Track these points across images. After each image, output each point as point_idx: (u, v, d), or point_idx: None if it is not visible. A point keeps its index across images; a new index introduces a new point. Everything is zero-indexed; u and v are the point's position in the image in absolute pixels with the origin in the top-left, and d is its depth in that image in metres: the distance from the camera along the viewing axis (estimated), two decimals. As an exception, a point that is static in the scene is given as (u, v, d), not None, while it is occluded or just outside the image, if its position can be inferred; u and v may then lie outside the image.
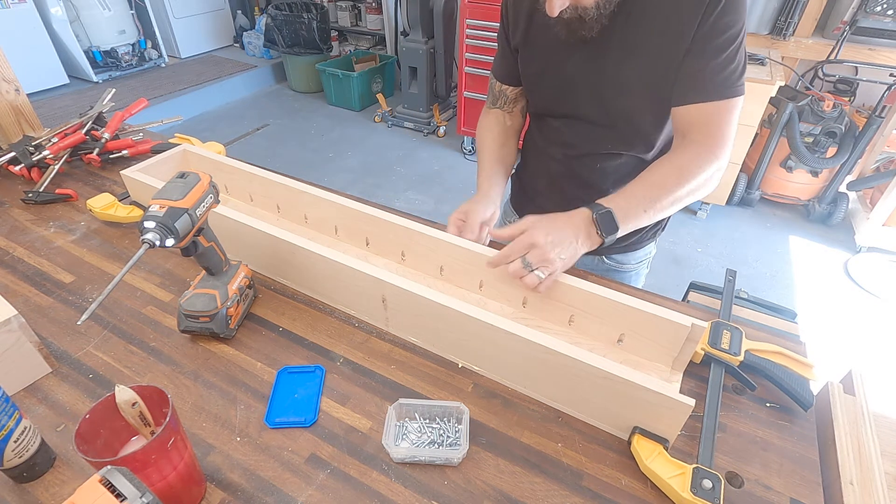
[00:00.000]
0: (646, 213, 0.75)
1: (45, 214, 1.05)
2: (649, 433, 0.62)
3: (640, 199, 0.75)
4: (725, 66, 0.74)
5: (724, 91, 0.74)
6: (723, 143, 0.76)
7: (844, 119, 2.46)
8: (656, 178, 0.77)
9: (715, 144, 0.76)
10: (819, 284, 2.39)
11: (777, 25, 2.68)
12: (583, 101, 0.86)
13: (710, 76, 0.74)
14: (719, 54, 0.73)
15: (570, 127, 0.91)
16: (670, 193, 0.76)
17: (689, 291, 0.90)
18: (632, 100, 0.81)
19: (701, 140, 0.76)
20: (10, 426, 0.54)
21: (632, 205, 0.75)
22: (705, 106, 0.75)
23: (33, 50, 3.61)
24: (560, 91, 0.88)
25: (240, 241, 0.88)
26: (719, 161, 0.77)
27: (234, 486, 0.59)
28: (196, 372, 0.72)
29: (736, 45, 0.74)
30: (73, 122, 1.25)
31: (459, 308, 0.68)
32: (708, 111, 0.75)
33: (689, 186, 0.76)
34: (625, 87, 0.80)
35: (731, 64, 0.74)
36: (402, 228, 0.86)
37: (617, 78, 0.80)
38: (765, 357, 0.72)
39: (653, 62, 0.77)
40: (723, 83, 0.74)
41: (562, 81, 0.86)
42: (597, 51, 0.79)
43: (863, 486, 0.60)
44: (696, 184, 0.76)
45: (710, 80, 0.74)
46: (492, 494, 0.59)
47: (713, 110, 0.75)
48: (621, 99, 0.82)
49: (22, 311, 0.68)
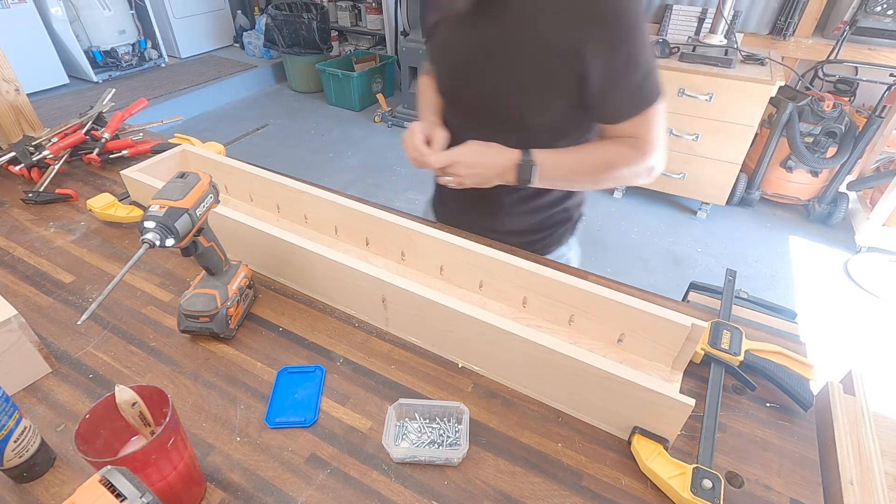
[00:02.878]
0: (564, 179, 0.86)
1: (45, 214, 1.06)
2: (649, 433, 0.62)
3: (566, 168, 0.84)
4: (641, 83, 0.77)
5: (642, 103, 0.79)
6: (652, 148, 0.82)
7: (844, 119, 2.46)
8: (587, 159, 0.84)
9: (645, 150, 0.82)
10: (819, 284, 2.40)
11: (777, 25, 2.68)
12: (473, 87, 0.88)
13: (628, 95, 0.78)
14: (630, 73, 0.76)
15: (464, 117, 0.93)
16: (590, 176, 0.85)
17: (689, 291, 0.90)
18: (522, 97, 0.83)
19: (632, 143, 0.82)
20: (10, 426, 0.54)
21: (556, 171, 0.83)
22: (628, 122, 0.80)
23: (33, 50, 3.61)
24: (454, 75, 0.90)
25: (240, 241, 0.88)
26: (648, 162, 0.83)
27: (234, 486, 0.59)
28: (196, 372, 0.72)
29: (645, 56, 0.76)
30: (73, 122, 1.25)
31: (459, 308, 0.68)
32: (632, 125, 0.80)
33: (611, 178, 0.85)
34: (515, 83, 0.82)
35: (646, 78, 0.77)
36: (402, 228, 0.86)
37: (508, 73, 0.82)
38: (765, 357, 0.72)
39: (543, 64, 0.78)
40: (641, 97, 0.78)
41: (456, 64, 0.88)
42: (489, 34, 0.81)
43: (863, 486, 0.60)
44: (617, 179, 0.85)
45: (629, 99, 0.78)
46: (492, 494, 0.59)
47: (637, 123, 0.80)
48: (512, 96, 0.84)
49: (22, 311, 0.68)
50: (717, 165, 2.61)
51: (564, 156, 0.84)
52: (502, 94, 0.84)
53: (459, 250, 0.82)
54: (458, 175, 0.83)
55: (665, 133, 0.83)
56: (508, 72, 0.81)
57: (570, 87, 0.79)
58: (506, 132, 0.86)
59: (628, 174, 0.84)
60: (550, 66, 0.78)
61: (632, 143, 0.82)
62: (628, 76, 0.76)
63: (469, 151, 0.83)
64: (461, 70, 0.87)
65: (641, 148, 0.82)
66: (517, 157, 0.82)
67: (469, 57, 0.84)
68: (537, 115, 0.84)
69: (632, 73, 0.75)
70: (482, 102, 0.87)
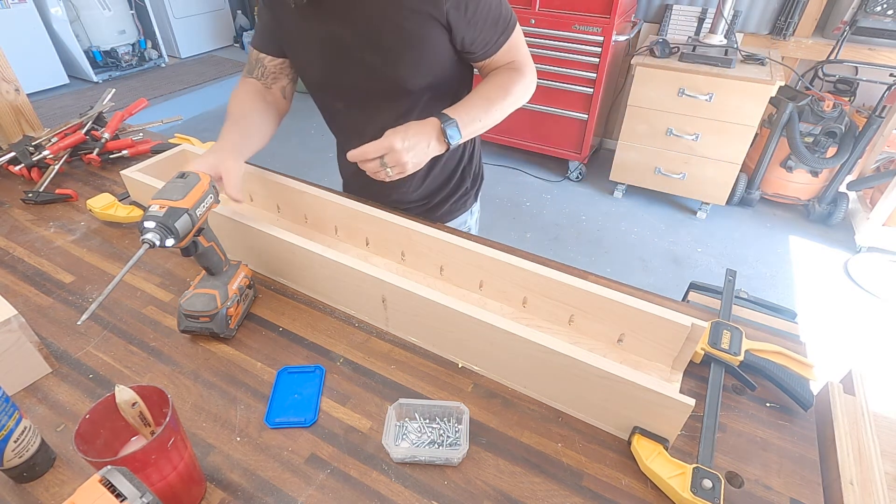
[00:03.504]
0: (480, 122, 0.88)
1: (45, 214, 1.05)
2: (649, 433, 0.62)
3: (476, 110, 0.88)
4: (498, 15, 0.85)
5: (506, 33, 0.88)
6: (525, 64, 0.93)
7: (844, 119, 2.46)
8: (486, 93, 0.89)
9: (523, 68, 0.92)
10: (819, 284, 2.40)
11: (777, 25, 2.68)
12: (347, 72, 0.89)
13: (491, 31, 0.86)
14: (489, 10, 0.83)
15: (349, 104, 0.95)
16: (497, 105, 0.89)
17: (689, 291, 0.90)
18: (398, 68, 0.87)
19: (511, 66, 0.92)
20: (10, 426, 0.54)
21: (470, 116, 0.87)
22: (500, 52, 0.90)
23: (33, 50, 3.62)
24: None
25: (240, 241, 0.88)
26: (527, 76, 0.92)
27: (234, 486, 0.59)
28: (196, 372, 0.72)
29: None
30: (73, 122, 1.25)
31: (459, 308, 0.68)
32: (504, 54, 0.90)
33: (511, 99, 0.90)
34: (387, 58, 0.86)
35: (500, 9, 0.85)
36: (402, 228, 0.86)
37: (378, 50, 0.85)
38: (765, 357, 0.72)
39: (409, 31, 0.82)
40: (503, 28, 0.87)
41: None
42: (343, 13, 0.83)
43: (863, 486, 0.60)
44: (516, 99, 0.91)
45: (493, 33, 0.86)
46: (492, 494, 0.59)
47: (506, 51, 0.90)
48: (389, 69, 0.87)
49: (22, 311, 0.68)
50: (717, 165, 2.61)
51: (469, 102, 0.88)
52: (378, 71, 0.87)
53: (459, 250, 0.82)
54: (398, 163, 0.80)
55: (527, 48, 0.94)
56: (377, 49, 0.84)
57: (441, 43, 0.84)
58: (390, 102, 0.91)
59: (522, 92, 0.92)
60: (417, 31, 0.82)
61: (511, 66, 0.92)
62: (488, 12, 0.83)
63: (396, 135, 0.81)
64: (330, 61, 0.89)
65: (520, 68, 0.92)
66: (437, 122, 0.84)
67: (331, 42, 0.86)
68: (417, 79, 0.88)
69: (488, 9, 0.83)
70: (361, 84, 0.90)
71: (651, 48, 2.57)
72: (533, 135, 3.08)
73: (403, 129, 0.81)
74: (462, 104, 0.87)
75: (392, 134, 0.80)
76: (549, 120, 2.95)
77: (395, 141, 0.79)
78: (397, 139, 0.79)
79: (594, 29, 2.54)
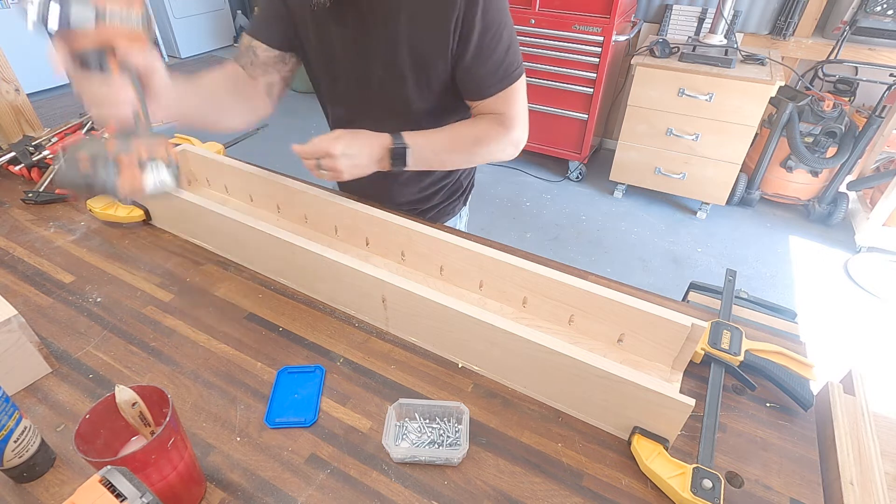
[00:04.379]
0: (436, 158, 0.88)
1: (45, 214, 1.05)
2: (649, 433, 0.62)
3: (437, 149, 0.87)
4: (502, 60, 0.81)
5: (505, 81, 0.83)
6: (515, 123, 0.87)
7: (844, 119, 2.46)
8: (457, 137, 0.87)
9: (509, 125, 0.86)
10: (819, 284, 2.40)
11: (777, 25, 2.68)
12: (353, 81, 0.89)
13: (491, 74, 0.82)
14: (493, 51, 0.79)
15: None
16: (462, 154, 0.88)
17: (689, 291, 0.90)
18: (401, 86, 0.85)
19: (496, 119, 0.87)
20: (10, 426, 0.54)
21: (428, 151, 0.86)
22: (492, 99, 0.84)
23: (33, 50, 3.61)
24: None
25: (240, 241, 0.88)
26: (512, 136, 0.88)
27: (234, 486, 0.59)
28: (196, 372, 0.72)
29: (505, 33, 0.79)
30: (73, 122, 1.25)
31: (459, 308, 0.68)
32: (496, 101, 0.85)
33: (482, 154, 0.88)
34: (392, 73, 0.84)
35: (506, 56, 0.81)
36: (402, 228, 0.86)
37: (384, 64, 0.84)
38: (765, 357, 0.72)
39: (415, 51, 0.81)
40: (503, 75, 0.82)
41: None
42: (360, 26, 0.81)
43: (863, 486, 0.60)
44: (487, 154, 0.88)
45: (491, 77, 0.82)
46: (492, 494, 0.59)
47: (500, 99, 0.84)
48: (391, 85, 0.86)
49: (22, 311, 0.68)
50: (717, 165, 2.61)
51: (435, 136, 0.86)
52: (382, 85, 0.86)
53: (459, 250, 0.82)
54: (332, 169, 0.80)
55: (526, 107, 0.88)
56: (384, 63, 0.83)
57: (445, 70, 0.82)
58: (390, 119, 0.88)
59: (496, 149, 0.88)
60: (427, 56, 0.81)
61: (496, 119, 0.86)
62: (490, 54, 0.79)
63: (340, 141, 0.79)
64: (340, 65, 0.87)
65: (506, 123, 0.86)
66: (389, 141, 0.82)
67: (344, 51, 0.85)
68: (418, 100, 0.86)
69: (492, 50, 0.79)
70: (364, 94, 0.89)
71: (651, 48, 2.57)
72: (533, 135, 3.07)
73: (351, 135, 0.81)
74: (428, 134, 0.85)
75: (335, 139, 0.79)
76: (549, 120, 2.95)
77: (336, 147, 0.78)
78: (338, 145, 0.78)
79: (594, 29, 2.54)
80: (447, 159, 0.89)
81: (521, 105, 0.86)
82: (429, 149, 0.86)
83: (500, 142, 0.87)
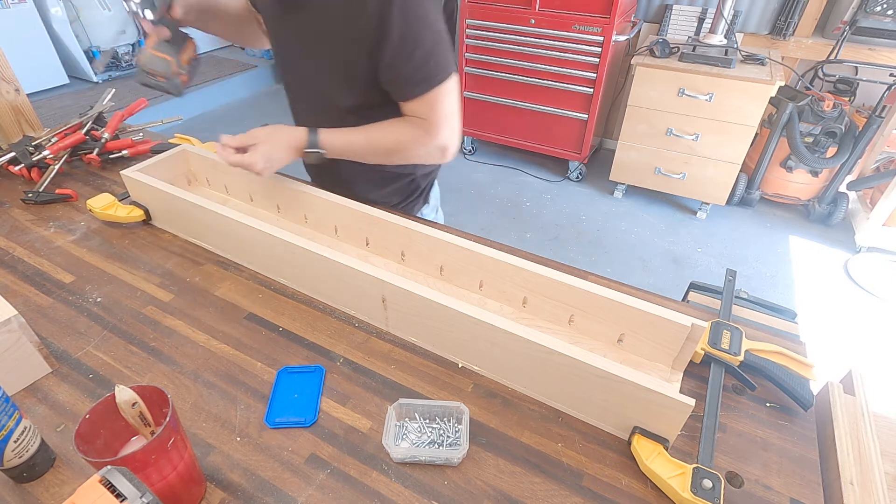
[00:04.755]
0: (353, 155, 0.89)
1: (45, 214, 1.06)
2: (649, 433, 0.62)
3: (354, 148, 0.88)
4: (423, 64, 0.79)
5: (425, 85, 0.81)
6: (438, 128, 0.85)
7: (844, 119, 2.46)
8: (375, 139, 0.88)
9: (431, 130, 0.85)
10: (819, 284, 2.39)
11: (777, 25, 2.68)
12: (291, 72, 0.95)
13: (410, 76, 0.81)
14: (412, 53, 0.78)
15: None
16: (379, 151, 0.88)
17: (689, 291, 0.90)
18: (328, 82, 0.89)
19: (418, 123, 0.85)
20: (10, 426, 0.54)
21: (343, 151, 0.88)
22: (415, 102, 0.83)
23: (33, 50, 3.61)
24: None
25: (240, 241, 0.88)
26: (435, 142, 0.86)
27: (234, 486, 0.59)
28: (196, 372, 0.72)
29: (425, 37, 0.78)
30: (72, 122, 1.25)
31: (459, 308, 0.68)
32: (420, 105, 0.83)
33: (401, 157, 0.89)
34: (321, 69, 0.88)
35: (428, 59, 0.79)
36: (402, 228, 0.86)
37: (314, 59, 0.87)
38: (765, 357, 0.72)
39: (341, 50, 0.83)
40: (423, 78, 0.81)
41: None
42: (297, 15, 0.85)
43: (863, 486, 0.60)
44: (408, 157, 0.89)
45: (411, 79, 0.81)
46: (492, 494, 0.59)
47: (424, 103, 0.83)
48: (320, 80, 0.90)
49: (22, 311, 0.68)
50: (717, 165, 2.61)
51: (352, 136, 0.87)
52: (312, 79, 0.90)
53: (459, 250, 0.82)
54: (250, 165, 0.84)
55: (455, 112, 0.86)
56: (314, 58, 0.86)
57: (369, 71, 0.82)
58: (321, 113, 0.93)
59: (418, 153, 0.88)
60: (348, 52, 0.82)
61: (419, 123, 0.85)
62: (409, 56, 0.78)
63: (257, 135, 0.85)
64: (281, 55, 0.93)
65: (427, 128, 0.85)
66: (304, 142, 0.86)
67: (285, 42, 0.90)
68: (345, 97, 0.88)
69: (411, 52, 0.78)
70: (299, 85, 0.95)
71: (651, 48, 2.57)
72: (533, 135, 3.08)
73: (269, 130, 0.87)
74: (345, 133, 0.87)
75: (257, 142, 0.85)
76: (549, 120, 2.95)
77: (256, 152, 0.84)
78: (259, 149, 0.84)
79: (594, 29, 2.54)
80: (365, 157, 0.91)
81: (445, 110, 0.84)
82: (343, 148, 0.88)
83: (423, 146, 0.87)
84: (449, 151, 0.89)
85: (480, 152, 3.44)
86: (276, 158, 0.86)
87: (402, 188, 1.08)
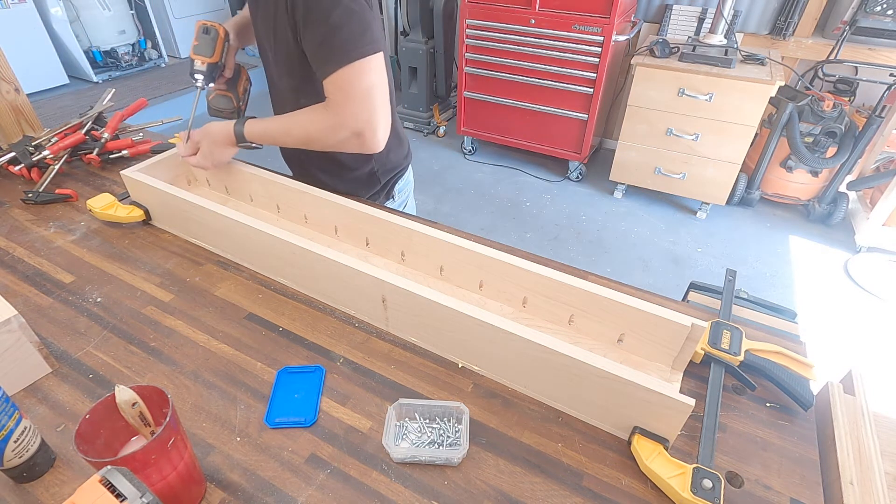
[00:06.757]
0: (278, 143, 0.96)
1: (45, 214, 1.06)
2: (649, 433, 0.62)
3: (271, 135, 0.94)
4: (327, 41, 0.77)
5: (331, 64, 0.77)
6: (346, 111, 0.80)
7: (844, 119, 2.46)
8: (292, 125, 0.90)
9: (340, 112, 0.80)
10: (819, 284, 2.39)
11: (777, 25, 2.68)
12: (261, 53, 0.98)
13: (315, 53, 0.80)
14: (317, 29, 0.77)
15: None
16: (300, 143, 0.90)
17: (689, 291, 0.90)
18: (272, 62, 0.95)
19: (331, 106, 0.82)
20: (10, 426, 0.54)
21: (263, 136, 0.94)
22: (327, 82, 0.80)
23: (33, 50, 3.61)
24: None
25: (240, 241, 0.88)
26: (348, 125, 0.81)
27: (234, 486, 0.59)
28: (196, 372, 0.72)
29: (330, 14, 0.75)
30: (72, 122, 1.25)
31: (459, 308, 0.68)
32: (329, 85, 0.80)
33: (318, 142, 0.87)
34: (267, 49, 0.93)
35: (333, 37, 0.76)
36: (402, 228, 0.86)
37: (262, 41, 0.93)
38: (765, 357, 0.72)
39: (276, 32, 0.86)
40: (326, 57, 0.78)
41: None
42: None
43: (863, 486, 0.60)
44: (325, 145, 0.87)
45: (316, 56, 0.80)
46: (492, 494, 0.59)
47: (331, 83, 0.79)
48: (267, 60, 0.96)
49: (22, 311, 0.68)
50: (717, 165, 2.61)
51: (271, 123, 0.93)
52: (269, 64, 0.96)
53: (459, 250, 0.82)
54: (199, 164, 0.98)
55: (370, 95, 0.79)
56: (267, 41, 0.91)
57: (299, 51, 0.84)
58: (277, 96, 1.02)
59: (331, 140, 0.84)
60: (283, 33, 0.84)
61: (325, 107, 0.83)
62: (314, 35, 0.78)
63: (196, 139, 0.98)
64: (258, 44, 0.98)
65: (336, 111, 0.80)
66: (231, 134, 0.95)
67: (257, 31, 0.95)
68: (286, 79, 0.94)
69: (315, 31, 0.77)
70: (267, 72, 1.00)
71: (651, 48, 2.57)
72: (533, 135, 3.08)
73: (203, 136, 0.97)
74: (266, 122, 0.94)
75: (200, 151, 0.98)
76: (549, 120, 2.95)
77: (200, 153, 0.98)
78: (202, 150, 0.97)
79: (594, 29, 2.54)
80: (288, 144, 0.94)
81: (355, 93, 0.78)
82: (264, 137, 0.94)
83: (332, 132, 0.83)
84: (367, 138, 0.81)
85: (480, 152, 3.44)
86: (217, 154, 0.97)
87: (362, 180, 1.09)
